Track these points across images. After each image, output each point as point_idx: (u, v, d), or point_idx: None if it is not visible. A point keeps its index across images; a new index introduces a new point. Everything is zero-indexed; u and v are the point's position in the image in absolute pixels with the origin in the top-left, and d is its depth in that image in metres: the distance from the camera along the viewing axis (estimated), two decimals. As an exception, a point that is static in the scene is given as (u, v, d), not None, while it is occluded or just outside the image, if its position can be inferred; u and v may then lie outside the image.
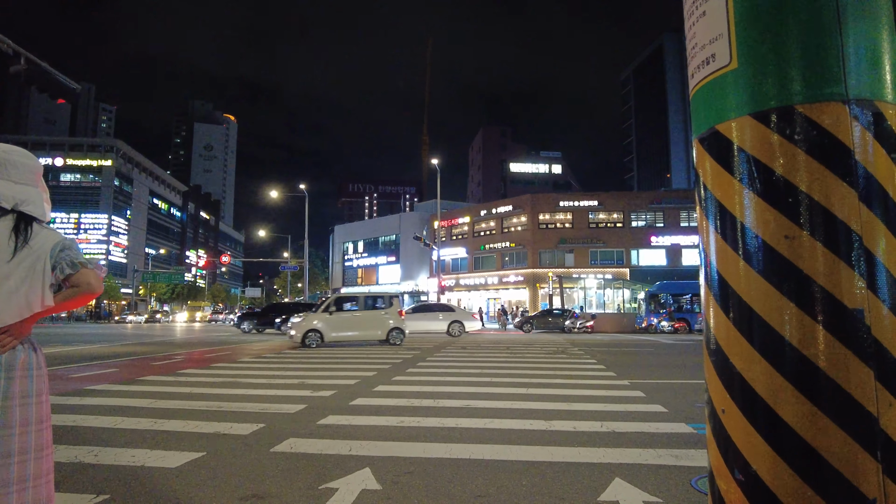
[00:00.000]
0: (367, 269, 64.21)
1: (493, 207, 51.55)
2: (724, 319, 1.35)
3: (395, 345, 15.65)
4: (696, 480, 3.40)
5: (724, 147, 1.36)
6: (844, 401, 1.17)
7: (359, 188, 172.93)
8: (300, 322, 15.45)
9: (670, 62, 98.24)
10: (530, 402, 6.20)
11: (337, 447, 4.20)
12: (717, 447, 1.37)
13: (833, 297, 1.19)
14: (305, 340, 15.18)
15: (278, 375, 8.70)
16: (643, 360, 11.40)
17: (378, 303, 16.46)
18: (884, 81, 1.26)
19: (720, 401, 1.36)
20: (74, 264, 1.91)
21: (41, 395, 1.87)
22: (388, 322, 16.03)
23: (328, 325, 15.43)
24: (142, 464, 3.77)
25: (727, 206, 1.34)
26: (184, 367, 9.94)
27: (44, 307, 1.86)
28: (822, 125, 1.23)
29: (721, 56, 1.38)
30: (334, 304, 15.96)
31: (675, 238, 45.43)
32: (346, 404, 6.04)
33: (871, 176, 1.21)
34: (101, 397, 6.56)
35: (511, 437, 4.55)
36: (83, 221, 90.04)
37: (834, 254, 1.20)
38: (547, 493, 3.21)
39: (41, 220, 1.95)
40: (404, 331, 16.35)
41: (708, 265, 1.41)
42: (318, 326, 15.33)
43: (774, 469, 1.21)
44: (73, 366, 10.28)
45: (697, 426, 4.90)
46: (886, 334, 1.18)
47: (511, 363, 10.71)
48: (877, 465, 1.15)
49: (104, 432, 4.74)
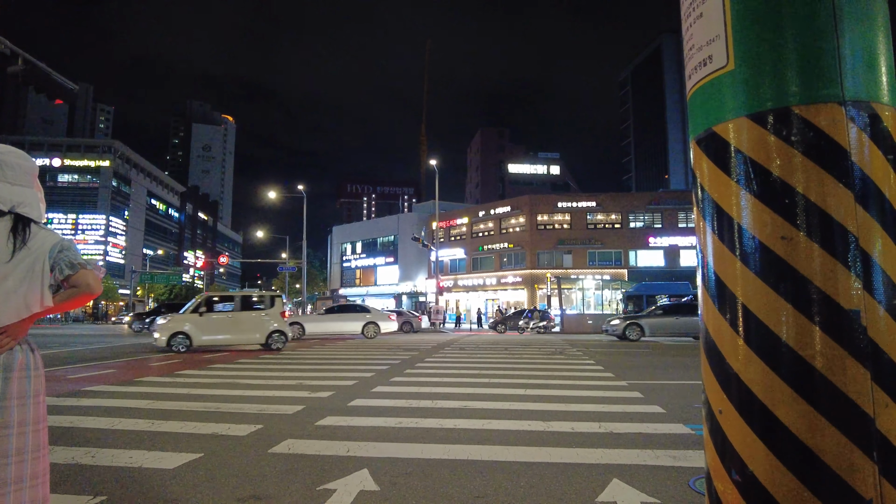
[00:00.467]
0: (366, 269, 64.17)
1: (491, 208, 51.56)
2: (720, 320, 1.35)
3: (277, 349, 14.30)
4: (694, 481, 3.40)
5: (721, 148, 1.36)
6: (841, 402, 1.17)
7: (357, 189, 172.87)
8: (165, 323, 13.85)
9: (668, 63, 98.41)
10: (528, 402, 6.20)
11: (335, 448, 4.19)
12: (714, 448, 1.37)
13: (829, 299, 1.19)
14: (171, 344, 13.56)
15: (276, 377, 8.69)
16: (641, 361, 11.41)
17: (256, 303, 15.12)
18: (879, 83, 1.27)
19: (717, 401, 1.36)
20: (73, 265, 1.92)
21: (38, 395, 1.88)
22: (267, 324, 14.58)
23: (198, 327, 13.93)
24: (139, 465, 3.76)
25: (724, 208, 1.35)
26: (182, 369, 9.93)
27: (43, 307, 1.87)
28: (819, 126, 1.23)
29: (718, 57, 1.38)
30: (205, 304, 14.46)
31: (674, 239, 45.47)
32: (344, 405, 6.04)
33: (868, 177, 1.22)
34: (98, 398, 6.55)
35: (509, 437, 4.55)
36: (81, 222, 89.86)
37: (830, 255, 1.20)
38: (545, 493, 3.21)
39: (38, 221, 1.96)
40: (287, 334, 14.97)
41: (705, 266, 1.42)
42: (187, 329, 13.77)
43: (771, 470, 1.21)
44: (69, 367, 10.26)
45: (695, 427, 4.91)
46: (882, 335, 1.18)
47: (509, 364, 10.71)
48: (873, 466, 1.15)
49: (101, 433, 4.73)
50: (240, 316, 14.59)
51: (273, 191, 42.26)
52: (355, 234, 67.42)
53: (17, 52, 9.88)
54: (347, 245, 67.36)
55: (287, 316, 15.48)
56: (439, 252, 41.21)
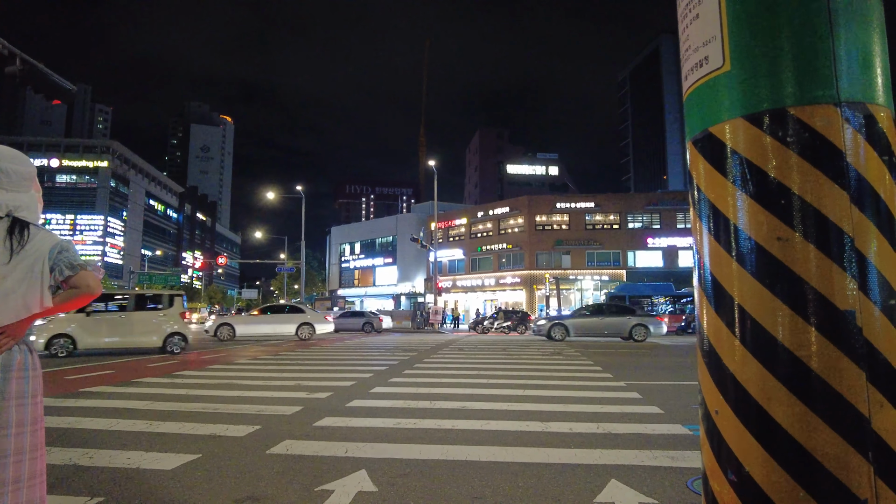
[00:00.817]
0: (364, 270, 64.16)
1: (489, 209, 51.58)
2: (717, 321, 1.35)
3: (175, 353, 13.33)
4: (692, 482, 3.40)
5: (718, 149, 1.36)
6: (836, 402, 1.17)
7: (356, 189, 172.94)
8: (45, 324, 12.51)
9: (667, 64, 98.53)
10: (527, 403, 6.20)
11: (333, 449, 4.19)
12: (710, 448, 1.38)
13: (825, 299, 1.19)
14: (51, 348, 12.38)
15: (275, 377, 8.68)
16: (640, 362, 11.41)
17: (153, 302, 13.90)
18: (874, 84, 1.27)
19: (713, 402, 1.36)
20: (73, 266, 1.93)
21: (36, 396, 1.89)
22: (165, 326, 13.44)
23: (84, 328, 12.79)
24: (137, 466, 3.75)
25: (720, 208, 1.35)
26: (181, 369, 9.92)
27: (43, 308, 1.88)
28: (814, 127, 1.23)
29: (714, 58, 1.38)
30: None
31: (672, 240, 45.51)
32: (342, 406, 6.03)
33: (863, 178, 1.22)
34: (96, 399, 6.54)
35: (507, 438, 4.55)
36: (79, 223, 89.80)
37: (826, 255, 1.20)
38: (543, 494, 3.21)
39: (37, 223, 1.97)
40: (187, 337, 13.77)
41: (701, 267, 1.42)
42: (70, 330, 12.63)
43: (767, 470, 1.22)
44: (68, 367, 10.24)
45: (693, 427, 4.91)
46: (878, 336, 1.19)
47: (507, 365, 10.71)
48: (868, 466, 1.15)
49: (99, 434, 4.72)
50: (133, 317, 13.39)
51: (271, 191, 42.22)
52: (354, 235, 67.39)
53: (14, 52, 9.88)
54: (346, 246, 67.34)
55: (187, 317, 14.23)
56: (438, 253, 41.21)
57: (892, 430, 1.17)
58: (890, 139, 1.27)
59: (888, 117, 1.28)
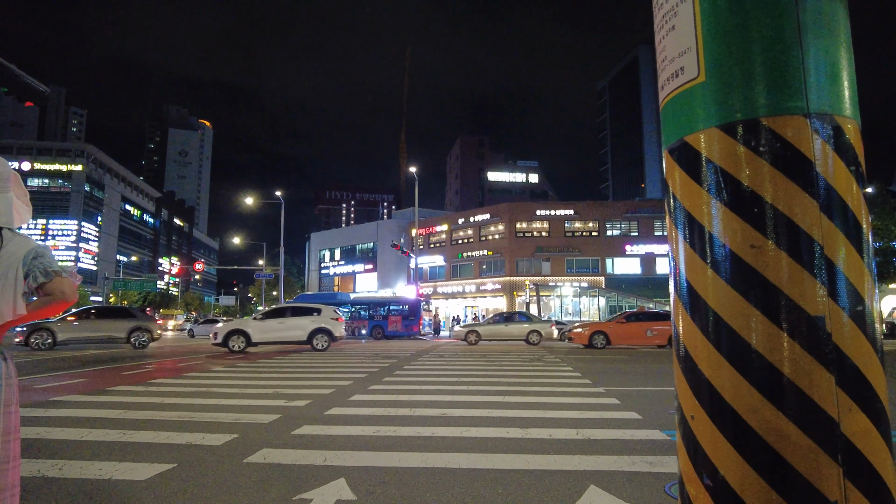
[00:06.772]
0: (344, 276, 63.75)
1: (470, 216, 51.75)
2: (692, 327, 1.37)
3: None
4: (670, 487, 3.44)
5: (693, 158, 1.39)
6: (807, 406, 1.20)
7: (336, 195, 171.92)
8: None
9: (645, 73, 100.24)
10: (507, 410, 6.21)
11: (311, 457, 4.14)
12: (686, 453, 1.39)
13: (796, 305, 1.22)
14: None
15: (252, 385, 8.56)
16: (619, 368, 11.52)
17: None
18: (842, 96, 1.31)
19: (689, 407, 1.38)
20: (48, 272, 1.87)
21: (10, 405, 1.83)
22: None
23: None
24: (109, 477, 3.66)
25: (695, 216, 1.37)
26: (155, 377, 9.72)
27: (15, 316, 1.81)
28: (786, 138, 1.27)
29: (689, 69, 1.41)
30: None
31: (650, 247, 46.16)
32: (321, 414, 5.97)
33: (832, 187, 1.25)
34: (67, 408, 6.37)
35: (487, 445, 4.55)
36: (51, 227, 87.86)
37: (797, 263, 1.23)
38: (522, 501, 3.21)
39: (11, 228, 1.91)
40: None
41: (677, 274, 1.44)
42: None
43: (741, 474, 1.24)
44: (38, 376, 9.96)
45: (671, 433, 4.96)
46: (846, 341, 1.22)
47: (488, 371, 10.72)
48: (838, 469, 1.18)
49: (70, 445, 4.60)
50: None
51: (251, 197, 41.83)
52: (334, 241, 66.98)
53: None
54: (326, 252, 66.88)
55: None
56: (419, 259, 41.14)
57: (860, 433, 1.20)
58: (856, 150, 1.31)
59: (855, 129, 1.32)
